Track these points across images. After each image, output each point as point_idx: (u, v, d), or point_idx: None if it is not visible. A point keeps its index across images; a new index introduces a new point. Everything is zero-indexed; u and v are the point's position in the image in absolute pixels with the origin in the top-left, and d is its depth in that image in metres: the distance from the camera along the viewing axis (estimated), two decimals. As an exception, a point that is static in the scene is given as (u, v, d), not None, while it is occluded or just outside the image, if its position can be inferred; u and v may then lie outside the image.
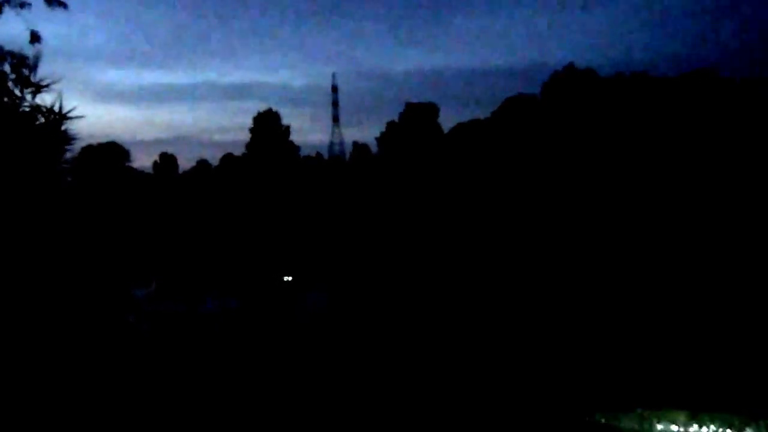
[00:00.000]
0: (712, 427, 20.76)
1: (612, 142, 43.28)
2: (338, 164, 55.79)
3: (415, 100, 53.46)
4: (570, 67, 49.26)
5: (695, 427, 20.76)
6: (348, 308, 29.83)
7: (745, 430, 20.27)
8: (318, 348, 20.65)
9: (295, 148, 57.56)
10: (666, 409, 20.88)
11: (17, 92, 8.18)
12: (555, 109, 47.14)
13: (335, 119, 59.84)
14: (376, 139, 53.68)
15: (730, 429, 20.29)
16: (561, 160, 43.69)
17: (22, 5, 8.46)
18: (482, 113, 51.37)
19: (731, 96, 40.70)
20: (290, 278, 39.57)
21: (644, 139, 43.12)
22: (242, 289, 38.39)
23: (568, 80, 49.02)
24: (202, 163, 59.86)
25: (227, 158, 58.82)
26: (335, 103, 59.90)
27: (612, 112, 44.58)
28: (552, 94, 49.21)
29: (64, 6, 8.84)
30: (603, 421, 21.78)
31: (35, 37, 8.48)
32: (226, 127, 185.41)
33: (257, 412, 14.68)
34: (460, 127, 52.30)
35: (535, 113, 48.06)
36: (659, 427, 21.04)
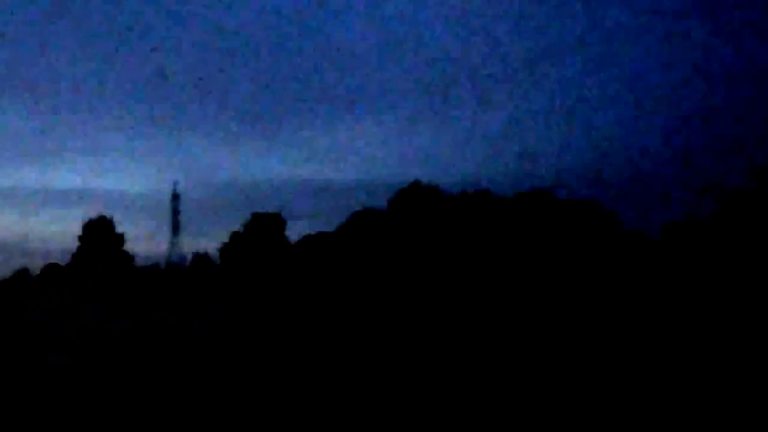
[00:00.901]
0: None
1: (452, 255, 44.31)
2: (176, 273, 52.98)
3: (260, 210, 52.47)
4: (415, 184, 50.72)
5: None
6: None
7: None
8: None
9: (130, 258, 54.13)
10: None
11: None
12: (400, 224, 47.89)
13: (175, 228, 57.36)
14: (218, 249, 51.74)
15: None
16: (406, 273, 43.92)
17: None
18: (329, 226, 51.18)
19: (565, 214, 43.41)
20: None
21: (483, 253, 44.51)
22: None
23: (413, 196, 50.33)
24: (21, 272, 54.67)
25: (50, 267, 54.21)
26: (176, 212, 57.69)
27: (454, 227, 45.97)
28: (398, 209, 50.15)
29: None
30: None
31: None
32: (52, 234, 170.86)
33: None
34: (307, 239, 51.61)
35: (382, 227, 48.53)
36: None
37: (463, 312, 39.57)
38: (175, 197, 59.01)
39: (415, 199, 50.15)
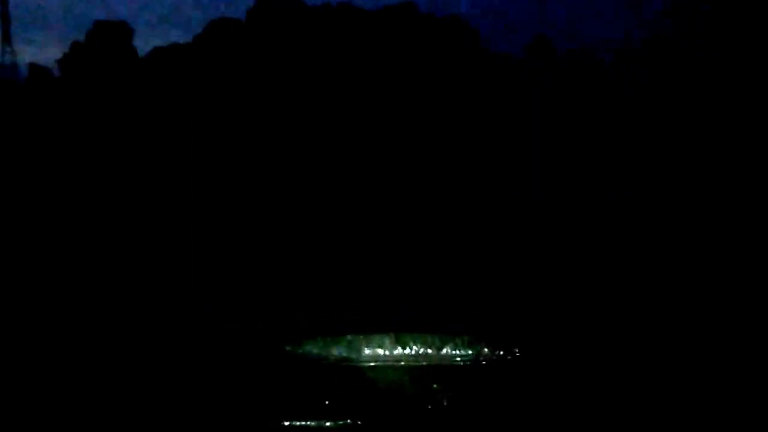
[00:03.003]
0: (415, 347, 21.57)
1: (313, 70, 43.27)
2: (10, 87, 48.32)
3: (104, 18, 48.06)
4: (275, -8, 47.71)
5: (399, 348, 21.37)
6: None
7: (445, 346, 21.37)
8: None
9: (-45, 70, 48.65)
10: (372, 333, 21.07)
11: None
12: (260, 35, 45.59)
13: (5, 37, 51.31)
14: (58, 61, 47.37)
15: (431, 347, 21.21)
16: (267, 87, 42.57)
17: None
18: (183, 37, 47.68)
19: (428, 31, 42.73)
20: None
21: (344, 71, 43.70)
22: None
23: (274, 6, 47.68)
24: None
25: None
26: (5, 17, 51.22)
27: (314, 40, 44.41)
28: (257, 20, 47.49)
29: None
30: (289, 349, 21.37)
31: None
32: None
33: None
34: (157, 51, 48.20)
35: (240, 38, 45.97)
36: (367, 351, 21.29)
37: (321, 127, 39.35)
38: (3, 1, 52.29)
39: (275, 9, 47.53)
